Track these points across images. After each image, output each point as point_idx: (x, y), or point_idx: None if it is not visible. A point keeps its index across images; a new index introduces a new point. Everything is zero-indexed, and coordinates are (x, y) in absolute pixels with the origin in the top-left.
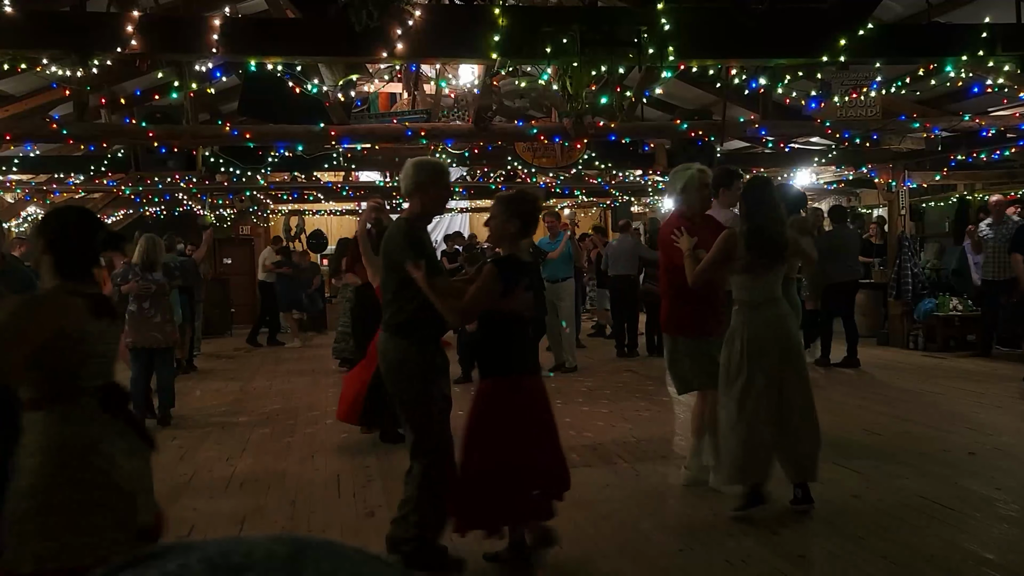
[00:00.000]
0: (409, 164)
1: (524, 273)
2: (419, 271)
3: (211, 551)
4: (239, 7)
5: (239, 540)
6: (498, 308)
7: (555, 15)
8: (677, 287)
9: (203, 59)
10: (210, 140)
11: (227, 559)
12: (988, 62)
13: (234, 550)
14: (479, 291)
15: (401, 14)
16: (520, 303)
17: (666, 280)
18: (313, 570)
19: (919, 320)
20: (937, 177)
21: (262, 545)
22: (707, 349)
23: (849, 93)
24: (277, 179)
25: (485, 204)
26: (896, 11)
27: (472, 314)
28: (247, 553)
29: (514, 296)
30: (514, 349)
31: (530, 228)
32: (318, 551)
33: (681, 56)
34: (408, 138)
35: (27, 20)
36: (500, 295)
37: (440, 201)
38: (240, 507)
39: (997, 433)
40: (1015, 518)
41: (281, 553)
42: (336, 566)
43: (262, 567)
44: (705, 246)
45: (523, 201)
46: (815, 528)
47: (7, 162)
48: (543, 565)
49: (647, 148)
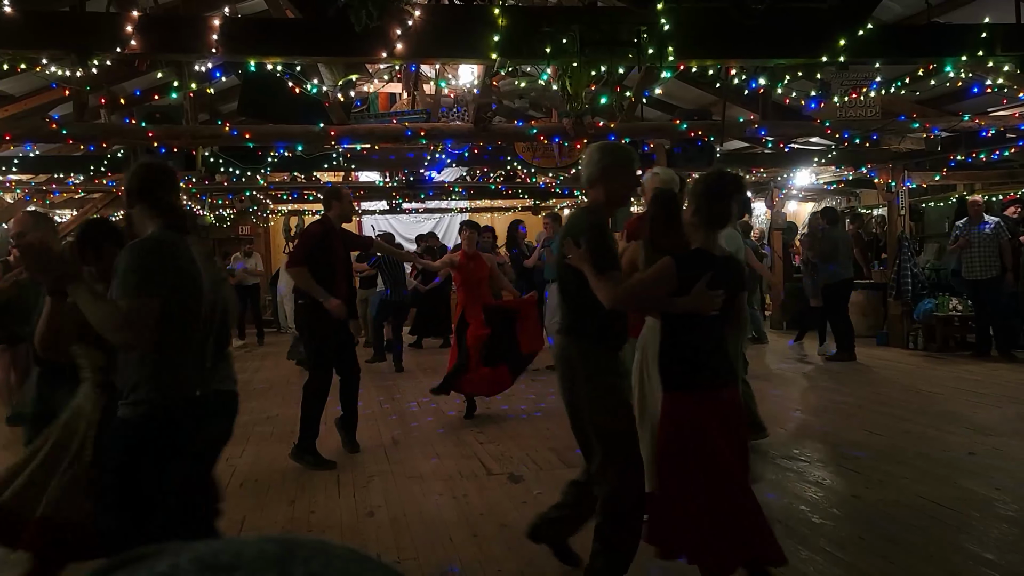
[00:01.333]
0: (594, 148)
1: (708, 268)
2: (580, 257)
3: (202, 551)
4: (238, 7)
5: (230, 540)
6: (672, 307)
7: (555, 15)
8: None
9: (203, 59)
10: (210, 140)
11: (217, 558)
12: (988, 62)
13: (224, 550)
14: (644, 280)
15: (401, 14)
16: (698, 301)
17: None
18: (302, 569)
19: (918, 320)
20: (937, 177)
21: (253, 545)
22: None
23: (849, 93)
24: (277, 179)
25: (485, 204)
26: (896, 11)
27: (630, 301)
28: (236, 553)
29: (694, 294)
30: (699, 357)
31: (718, 216)
32: (308, 550)
33: (681, 56)
34: (408, 138)
35: (27, 20)
36: (673, 291)
37: (627, 191)
38: (240, 507)
39: (997, 433)
40: (1014, 518)
41: (270, 552)
42: (325, 565)
43: (251, 567)
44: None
45: (716, 182)
46: (815, 528)
47: (7, 162)
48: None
49: (647, 148)
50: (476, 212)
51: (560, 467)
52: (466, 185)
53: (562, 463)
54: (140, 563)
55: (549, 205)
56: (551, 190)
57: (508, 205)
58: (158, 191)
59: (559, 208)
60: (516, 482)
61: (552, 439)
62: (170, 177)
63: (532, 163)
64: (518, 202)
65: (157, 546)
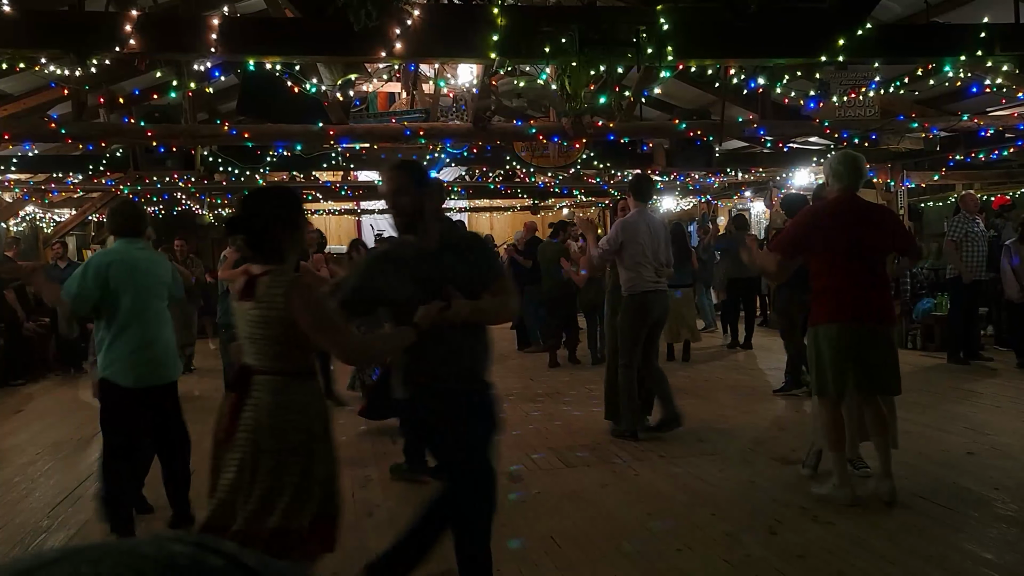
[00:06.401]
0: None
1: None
2: None
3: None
4: (237, 6)
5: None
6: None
7: (554, 15)
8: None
9: (202, 58)
10: (209, 139)
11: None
12: (986, 62)
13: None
14: None
15: (400, 14)
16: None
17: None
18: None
19: (917, 320)
20: (935, 177)
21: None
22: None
23: (848, 93)
24: (276, 179)
25: (484, 204)
26: (895, 11)
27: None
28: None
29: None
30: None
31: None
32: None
33: (680, 56)
34: (407, 138)
35: (25, 19)
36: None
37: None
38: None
39: (995, 433)
40: (1013, 518)
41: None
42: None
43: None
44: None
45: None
46: (814, 528)
47: (5, 161)
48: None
49: (646, 148)
50: (476, 212)
51: (560, 467)
52: (465, 185)
53: (562, 463)
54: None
55: (548, 204)
56: (550, 189)
57: (507, 205)
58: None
59: (558, 208)
60: (515, 482)
61: (552, 439)
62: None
63: (531, 163)
64: (517, 201)
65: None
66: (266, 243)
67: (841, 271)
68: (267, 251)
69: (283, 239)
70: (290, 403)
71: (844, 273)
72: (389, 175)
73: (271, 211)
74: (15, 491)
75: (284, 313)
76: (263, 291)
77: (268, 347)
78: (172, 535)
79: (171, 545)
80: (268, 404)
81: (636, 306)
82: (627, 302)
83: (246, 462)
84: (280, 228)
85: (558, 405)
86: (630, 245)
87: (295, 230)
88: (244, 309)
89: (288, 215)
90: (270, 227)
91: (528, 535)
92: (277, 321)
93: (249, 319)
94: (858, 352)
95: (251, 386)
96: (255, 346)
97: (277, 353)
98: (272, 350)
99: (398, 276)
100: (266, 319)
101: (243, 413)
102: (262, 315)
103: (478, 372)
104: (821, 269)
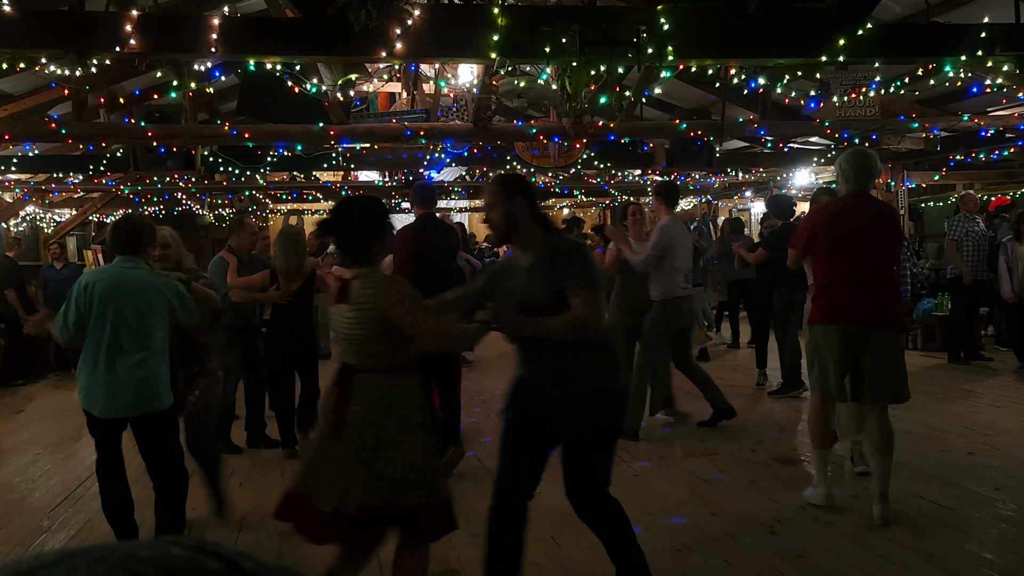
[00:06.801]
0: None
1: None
2: None
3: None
4: (238, 6)
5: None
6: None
7: (554, 15)
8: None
9: (202, 58)
10: (209, 139)
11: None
12: (987, 62)
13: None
14: None
15: (400, 13)
16: None
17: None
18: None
19: (918, 320)
20: (936, 177)
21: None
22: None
23: (848, 93)
24: (276, 179)
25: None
26: (895, 11)
27: None
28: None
29: None
30: None
31: None
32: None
33: (680, 56)
34: (407, 138)
35: (26, 19)
36: None
37: None
38: (240, 507)
39: (996, 433)
40: (1013, 518)
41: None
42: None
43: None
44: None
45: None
46: (814, 528)
47: (6, 161)
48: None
49: (646, 148)
50: (476, 212)
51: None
52: (465, 185)
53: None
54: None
55: (548, 205)
56: (550, 189)
57: None
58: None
59: (558, 208)
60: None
61: None
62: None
63: (531, 163)
64: None
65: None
66: (356, 247)
67: (839, 270)
68: (357, 255)
69: (372, 244)
70: (392, 397)
71: (842, 272)
72: (484, 190)
73: (361, 218)
74: (15, 491)
75: (378, 312)
76: (356, 293)
77: (366, 346)
78: (171, 539)
79: (170, 548)
80: (372, 399)
81: (670, 310)
82: (661, 306)
83: (357, 453)
84: (369, 233)
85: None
86: (670, 252)
87: (381, 236)
88: (340, 312)
89: (377, 222)
90: (360, 233)
91: (528, 535)
92: (373, 321)
93: (346, 321)
94: (854, 354)
95: (354, 383)
96: (353, 346)
97: (375, 351)
98: (370, 349)
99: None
100: (362, 320)
101: (350, 408)
102: (358, 316)
103: (545, 389)
104: (819, 267)
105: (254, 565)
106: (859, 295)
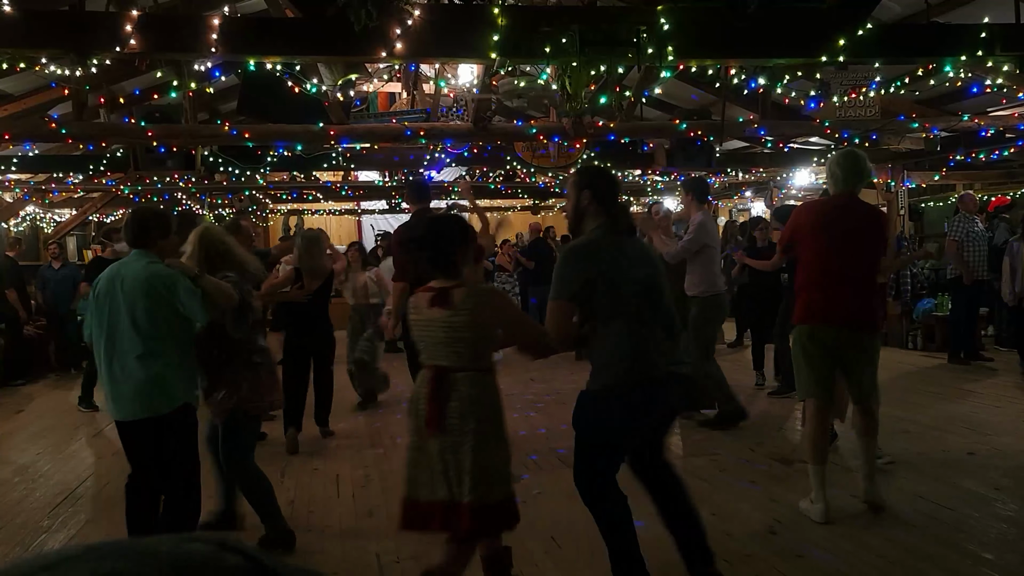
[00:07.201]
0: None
1: None
2: None
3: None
4: (238, 6)
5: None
6: None
7: (554, 15)
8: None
9: (202, 58)
10: (209, 139)
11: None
12: (987, 62)
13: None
14: None
15: (400, 13)
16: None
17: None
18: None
19: (917, 320)
20: (936, 177)
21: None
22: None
23: (848, 93)
24: (276, 179)
25: (484, 204)
26: (895, 11)
27: None
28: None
29: None
30: None
31: None
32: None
33: (680, 56)
34: (407, 138)
35: (26, 19)
36: None
37: None
38: (239, 506)
39: (995, 433)
40: (1013, 518)
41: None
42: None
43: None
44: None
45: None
46: (814, 528)
47: (6, 161)
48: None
49: (646, 148)
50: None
51: (560, 467)
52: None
53: (562, 463)
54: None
55: (548, 205)
56: (551, 189)
57: (507, 205)
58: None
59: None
60: (515, 482)
61: (552, 439)
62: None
63: (531, 163)
64: (518, 201)
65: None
66: (447, 261)
67: (832, 269)
68: (447, 268)
69: (459, 258)
70: (485, 394)
71: (835, 272)
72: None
73: (449, 235)
74: (15, 491)
75: (478, 318)
76: (459, 301)
77: (465, 349)
78: (193, 534)
79: (189, 544)
80: (471, 395)
81: (716, 305)
82: (708, 302)
83: (457, 446)
84: (457, 249)
85: (559, 405)
86: (707, 247)
87: (466, 250)
88: (438, 317)
89: (463, 239)
90: (450, 248)
91: (528, 535)
92: (473, 326)
93: (446, 325)
94: (842, 354)
95: (451, 382)
96: (450, 348)
97: (472, 353)
98: (468, 351)
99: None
100: (464, 324)
101: (450, 404)
102: (461, 321)
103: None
104: (800, 268)
105: (274, 562)
106: (852, 295)
